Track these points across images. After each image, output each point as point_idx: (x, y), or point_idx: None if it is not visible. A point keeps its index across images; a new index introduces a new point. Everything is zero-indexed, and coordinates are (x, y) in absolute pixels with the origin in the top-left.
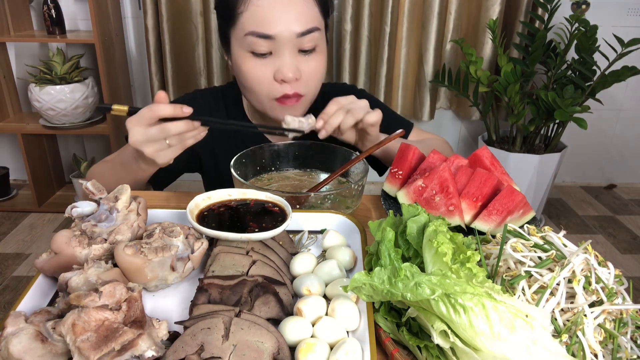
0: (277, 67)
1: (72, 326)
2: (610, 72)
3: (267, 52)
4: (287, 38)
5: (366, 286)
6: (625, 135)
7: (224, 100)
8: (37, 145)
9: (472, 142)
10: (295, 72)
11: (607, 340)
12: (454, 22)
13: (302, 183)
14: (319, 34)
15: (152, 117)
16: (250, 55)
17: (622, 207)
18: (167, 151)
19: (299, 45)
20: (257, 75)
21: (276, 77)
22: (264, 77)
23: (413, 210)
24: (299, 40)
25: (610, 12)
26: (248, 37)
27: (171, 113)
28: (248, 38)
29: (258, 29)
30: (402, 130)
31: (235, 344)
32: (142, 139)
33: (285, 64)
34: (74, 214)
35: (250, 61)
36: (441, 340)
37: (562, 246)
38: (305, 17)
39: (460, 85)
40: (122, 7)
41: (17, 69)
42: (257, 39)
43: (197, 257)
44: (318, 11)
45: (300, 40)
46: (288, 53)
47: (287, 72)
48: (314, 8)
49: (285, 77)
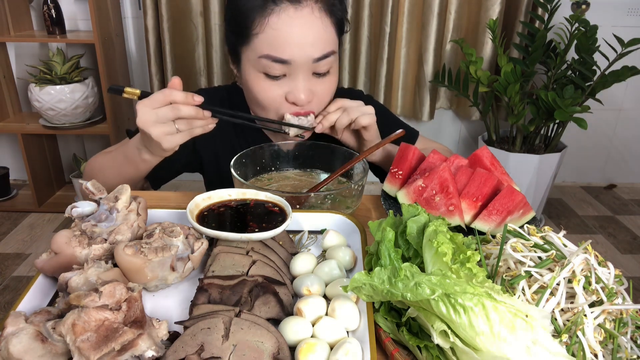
0: (290, 89)
1: (72, 326)
2: (610, 72)
3: (280, 74)
4: (303, 62)
5: (366, 286)
6: (625, 135)
7: (230, 100)
8: (37, 145)
9: (472, 142)
10: (309, 96)
11: (607, 340)
12: (454, 22)
13: (302, 183)
14: (334, 56)
15: (164, 100)
16: (262, 77)
17: (622, 207)
18: (174, 136)
19: (314, 69)
20: (268, 95)
21: (288, 99)
22: (275, 97)
23: (413, 210)
24: (315, 64)
25: (610, 12)
26: (262, 59)
27: (183, 99)
28: (262, 60)
29: (274, 53)
30: (402, 130)
31: (235, 344)
32: (151, 119)
33: (299, 87)
34: (74, 214)
35: (263, 82)
36: (441, 340)
37: (562, 246)
38: (323, 41)
39: (460, 85)
40: (122, 7)
41: (17, 69)
42: (272, 63)
43: (197, 257)
44: (335, 33)
45: (316, 64)
46: (302, 77)
47: (300, 95)
48: (331, 31)
49: (298, 100)
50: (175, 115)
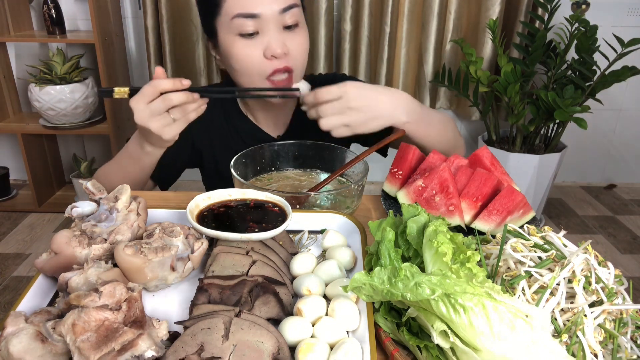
0: (265, 44)
1: (72, 326)
2: (610, 72)
3: (254, 31)
4: (271, 15)
5: (366, 286)
6: (625, 135)
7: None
8: (37, 145)
9: (472, 142)
10: (283, 47)
11: (607, 340)
12: (454, 22)
13: (302, 183)
14: (299, 10)
15: (153, 92)
16: (238, 37)
17: (622, 207)
18: (172, 126)
19: (283, 21)
20: (247, 54)
21: (266, 54)
22: (254, 55)
23: (413, 210)
24: (282, 16)
25: (610, 12)
26: (235, 20)
27: (171, 86)
28: (235, 21)
29: (243, 10)
30: (402, 130)
31: (235, 344)
32: (146, 114)
33: (273, 40)
34: (74, 214)
35: (239, 42)
36: (441, 340)
37: (562, 246)
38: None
39: (460, 85)
40: (122, 7)
41: (17, 69)
42: (244, 20)
43: (197, 257)
44: None
45: (282, 16)
46: (273, 30)
47: (276, 47)
48: None
49: (275, 52)
50: (168, 105)
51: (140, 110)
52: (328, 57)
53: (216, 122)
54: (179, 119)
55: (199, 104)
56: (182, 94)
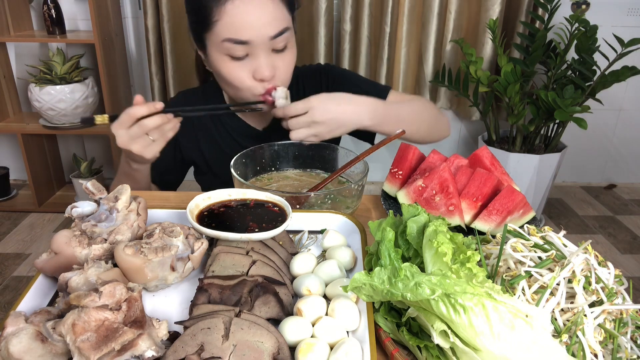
0: (254, 67)
1: (72, 326)
2: (610, 72)
3: (243, 55)
4: (261, 41)
5: (366, 286)
6: (625, 135)
7: (205, 96)
8: (37, 145)
9: (472, 142)
10: (272, 71)
11: (607, 340)
12: (454, 22)
13: (302, 183)
14: (290, 32)
15: (130, 118)
16: (227, 59)
17: (622, 207)
18: (152, 146)
19: (272, 45)
20: (237, 76)
21: (255, 77)
22: (243, 77)
23: (413, 210)
24: (272, 42)
25: (610, 12)
26: (224, 43)
27: (146, 111)
28: (225, 44)
29: (234, 35)
30: (402, 130)
31: (235, 344)
32: (126, 139)
33: (262, 64)
34: (74, 214)
35: (229, 63)
36: (441, 340)
37: (562, 246)
38: (277, 20)
39: (460, 85)
40: (122, 7)
41: (17, 69)
42: (234, 45)
43: (197, 257)
44: (286, 11)
45: (273, 41)
46: (263, 54)
47: (264, 71)
48: (283, 9)
49: (263, 76)
50: (144, 130)
51: (120, 135)
52: (328, 57)
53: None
54: (157, 139)
55: (174, 124)
56: (156, 117)
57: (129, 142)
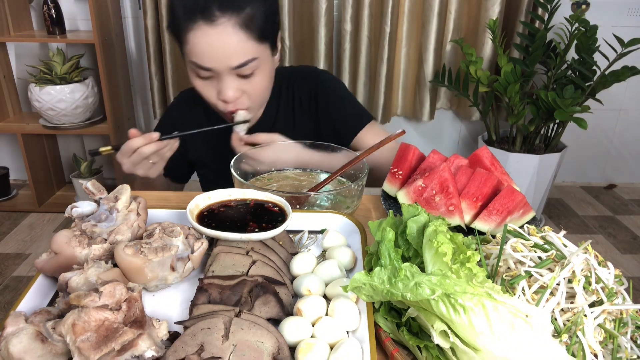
0: (219, 88)
1: (72, 326)
2: (610, 72)
3: (208, 76)
4: (223, 69)
5: (366, 286)
6: (625, 135)
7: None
8: (37, 145)
9: (472, 142)
10: (236, 92)
11: (607, 340)
12: (454, 22)
13: (302, 183)
14: (257, 62)
15: (129, 150)
16: (196, 76)
17: (622, 207)
18: (153, 168)
19: (238, 72)
20: (205, 92)
21: (219, 97)
22: (210, 95)
23: (413, 210)
24: (237, 70)
25: (610, 12)
26: (191, 63)
27: (142, 143)
28: (191, 64)
29: (197, 60)
30: (402, 130)
31: (235, 344)
32: (129, 165)
33: (225, 87)
34: (74, 214)
35: (198, 81)
36: (441, 340)
37: (562, 246)
38: (239, 53)
39: (460, 85)
40: (122, 7)
41: (17, 69)
42: (197, 68)
43: (197, 257)
44: (254, 42)
45: (238, 70)
46: (227, 78)
47: (227, 94)
48: (250, 42)
49: (227, 98)
50: (143, 157)
51: (124, 163)
52: (328, 57)
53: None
54: (158, 162)
55: (170, 146)
56: (152, 145)
57: (132, 168)
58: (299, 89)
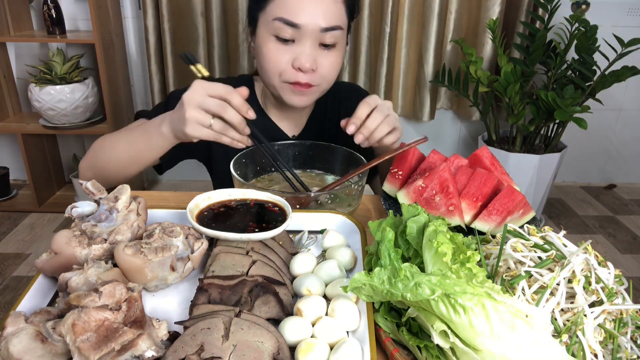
0: (296, 54)
1: (72, 326)
2: (610, 72)
3: (290, 39)
4: (311, 30)
5: (366, 286)
6: (625, 135)
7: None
8: (37, 145)
9: (472, 142)
10: (312, 64)
11: (607, 340)
12: (454, 22)
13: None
14: (341, 32)
15: (220, 94)
16: (273, 39)
17: (622, 207)
18: (202, 129)
19: (321, 39)
20: (276, 58)
21: (294, 64)
22: (282, 61)
23: (413, 210)
24: (322, 34)
25: (610, 12)
26: (275, 21)
27: (239, 105)
28: (275, 22)
29: (286, 16)
30: (424, 137)
31: (235, 344)
32: (197, 100)
33: (305, 53)
34: (74, 214)
35: (272, 44)
36: (441, 340)
37: (562, 246)
38: (332, 14)
39: (461, 85)
40: (122, 7)
41: (17, 69)
42: (283, 25)
43: (197, 257)
44: (344, 12)
45: (323, 34)
46: (309, 44)
47: (305, 62)
48: (341, 8)
49: (303, 66)
50: (218, 112)
51: (196, 91)
52: None
53: None
54: (214, 130)
55: (240, 138)
56: (235, 116)
57: (194, 104)
58: (345, 103)
